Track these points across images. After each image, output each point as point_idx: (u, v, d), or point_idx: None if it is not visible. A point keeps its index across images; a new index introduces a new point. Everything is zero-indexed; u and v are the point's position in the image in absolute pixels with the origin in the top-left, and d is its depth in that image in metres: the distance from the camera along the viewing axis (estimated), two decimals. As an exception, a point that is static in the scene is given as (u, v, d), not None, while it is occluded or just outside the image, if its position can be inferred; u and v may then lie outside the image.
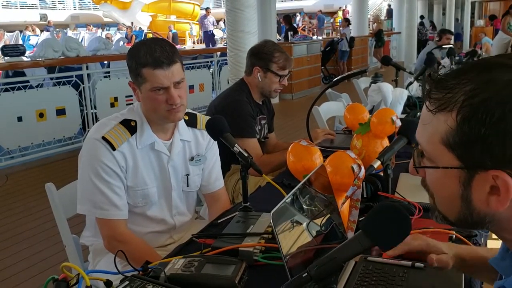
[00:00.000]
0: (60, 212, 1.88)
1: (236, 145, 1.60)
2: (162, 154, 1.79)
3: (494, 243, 1.29)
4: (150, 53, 1.64)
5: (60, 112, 5.85)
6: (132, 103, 6.25)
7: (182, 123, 1.85)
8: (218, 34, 18.42)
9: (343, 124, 4.21)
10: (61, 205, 1.89)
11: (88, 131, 6.16)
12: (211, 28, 18.59)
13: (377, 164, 1.53)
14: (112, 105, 6.47)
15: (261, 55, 2.62)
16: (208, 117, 1.89)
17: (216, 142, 1.97)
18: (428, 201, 1.64)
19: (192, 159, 1.88)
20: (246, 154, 1.59)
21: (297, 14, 23.86)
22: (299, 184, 1.17)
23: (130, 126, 1.73)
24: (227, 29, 3.82)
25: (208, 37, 18.40)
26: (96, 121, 6.19)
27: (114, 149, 1.67)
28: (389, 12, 22.19)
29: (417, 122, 1.62)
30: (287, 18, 12.69)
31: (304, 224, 1.20)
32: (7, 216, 4.13)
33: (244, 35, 3.65)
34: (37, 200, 4.38)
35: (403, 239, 0.81)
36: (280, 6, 17.84)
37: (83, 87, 6.09)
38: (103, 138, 1.67)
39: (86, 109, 6.16)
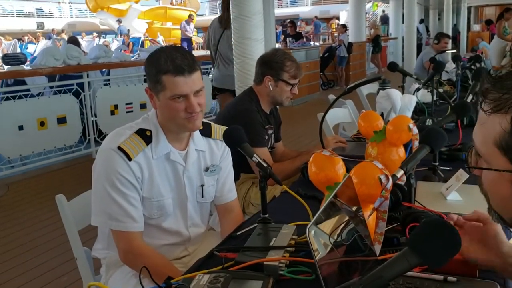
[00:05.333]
0: (71, 224, 1.84)
1: (255, 155, 1.57)
2: (177, 164, 1.76)
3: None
4: (171, 60, 1.60)
5: (61, 120, 5.81)
6: (132, 111, 6.19)
7: (197, 133, 1.81)
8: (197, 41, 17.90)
9: (347, 130, 4.19)
10: (72, 217, 1.85)
11: (88, 139, 6.13)
12: (190, 35, 18.25)
13: (400, 173, 1.49)
14: (112, 113, 6.44)
15: (272, 64, 2.60)
16: (222, 127, 1.86)
17: (230, 152, 1.94)
18: (451, 210, 1.61)
19: (207, 169, 1.85)
20: (265, 165, 1.56)
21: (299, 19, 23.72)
22: (330, 196, 1.14)
23: (145, 136, 1.69)
24: (233, 36, 3.78)
25: (187, 45, 17.90)
26: (97, 129, 6.22)
27: (130, 159, 1.63)
28: (383, 19, 22.29)
29: (440, 131, 1.60)
30: (293, 24, 12.77)
31: (332, 237, 1.17)
32: (9, 227, 4.08)
33: (251, 42, 3.61)
34: (40, 209, 4.33)
35: (453, 256, 0.78)
36: (276, 12, 17.80)
37: (84, 95, 6.06)
38: (119, 148, 1.63)
39: (87, 117, 6.12)
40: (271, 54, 2.66)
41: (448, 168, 2.16)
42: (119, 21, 21.77)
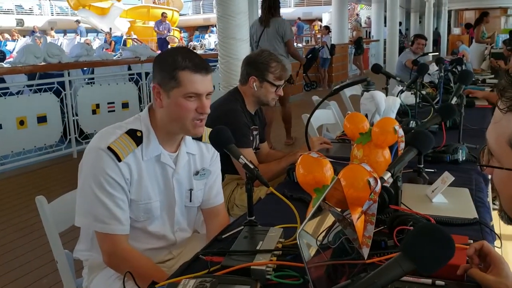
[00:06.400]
0: (51, 226, 1.80)
1: (241, 156, 1.54)
2: (167, 166, 1.72)
3: None
4: (190, 59, 1.60)
5: (41, 119, 5.71)
6: (113, 110, 6.09)
7: (188, 136, 1.78)
8: (172, 41, 17.78)
9: (330, 132, 4.18)
10: (53, 219, 1.80)
11: (68, 138, 6.04)
12: (165, 33, 18.05)
13: (387, 176, 1.48)
14: (94, 112, 6.36)
15: (257, 65, 2.58)
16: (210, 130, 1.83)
17: (219, 156, 1.91)
18: (437, 213, 1.60)
19: (197, 173, 1.81)
20: (252, 166, 1.53)
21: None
22: (319, 199, 1.12)
23: (136, 137, 1.64)
24: (218, 36, 3.75)
25: (162, 43, 17.69)
26: (78, 129, 6.13)
27: (119, 160, 1.58)
28: (359, 22, 22.56)
29: (428, 133, 1.59)
30: None
31: (318, 240, 1.16)
32: (-12, 228, 3.99)
33: (235, 42, 3.58)
34: (19, 210, 4.25)
35: (447, 262, 0.77)
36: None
37: (65, 94, 5.97)
38: (109, 148, 1.58)
39: (68, 117, 6.04)
40: (256, 55, 2.64)
41: (432, 170, 2.17)
42: (77, 22, 21.65)
